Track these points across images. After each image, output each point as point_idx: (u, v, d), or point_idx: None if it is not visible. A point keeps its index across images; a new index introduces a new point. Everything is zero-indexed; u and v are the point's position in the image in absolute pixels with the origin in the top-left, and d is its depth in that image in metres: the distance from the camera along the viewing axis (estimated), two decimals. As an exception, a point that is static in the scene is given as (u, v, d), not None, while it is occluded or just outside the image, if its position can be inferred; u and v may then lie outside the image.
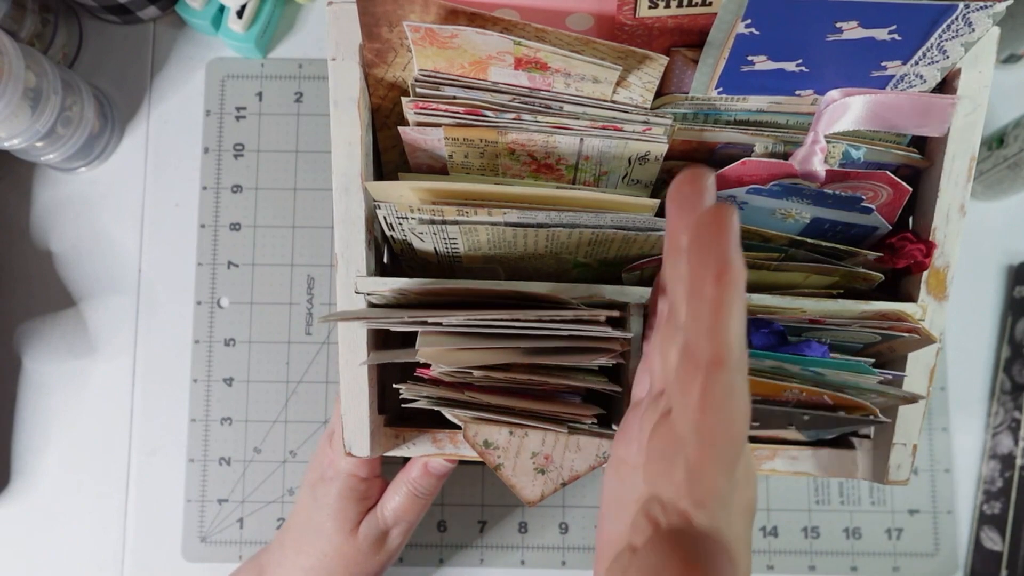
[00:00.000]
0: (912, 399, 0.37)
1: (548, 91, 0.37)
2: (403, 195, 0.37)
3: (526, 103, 0.37)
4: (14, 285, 0.61)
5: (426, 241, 0.39)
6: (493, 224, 0.36)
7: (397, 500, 0.48)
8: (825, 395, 0.36)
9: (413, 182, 0.36)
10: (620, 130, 0.37)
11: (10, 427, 0.59)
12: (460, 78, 0.37)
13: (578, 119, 0.37)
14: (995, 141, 0.56)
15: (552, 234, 0.37)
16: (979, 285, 0.60)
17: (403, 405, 0.38)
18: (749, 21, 0.31)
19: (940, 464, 0.59)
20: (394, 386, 0.38)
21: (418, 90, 0.37)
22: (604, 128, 0.37)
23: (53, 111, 0.53)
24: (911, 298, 0.41)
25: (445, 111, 0.37)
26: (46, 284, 0.61)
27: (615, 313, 0.38)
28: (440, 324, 0.35)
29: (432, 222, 0.36)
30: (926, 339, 0.38)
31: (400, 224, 0.38)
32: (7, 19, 0.55)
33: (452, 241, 0.39)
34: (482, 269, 0.43)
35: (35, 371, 0.60)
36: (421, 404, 0.38)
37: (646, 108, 0.37)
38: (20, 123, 0.52)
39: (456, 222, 0.36)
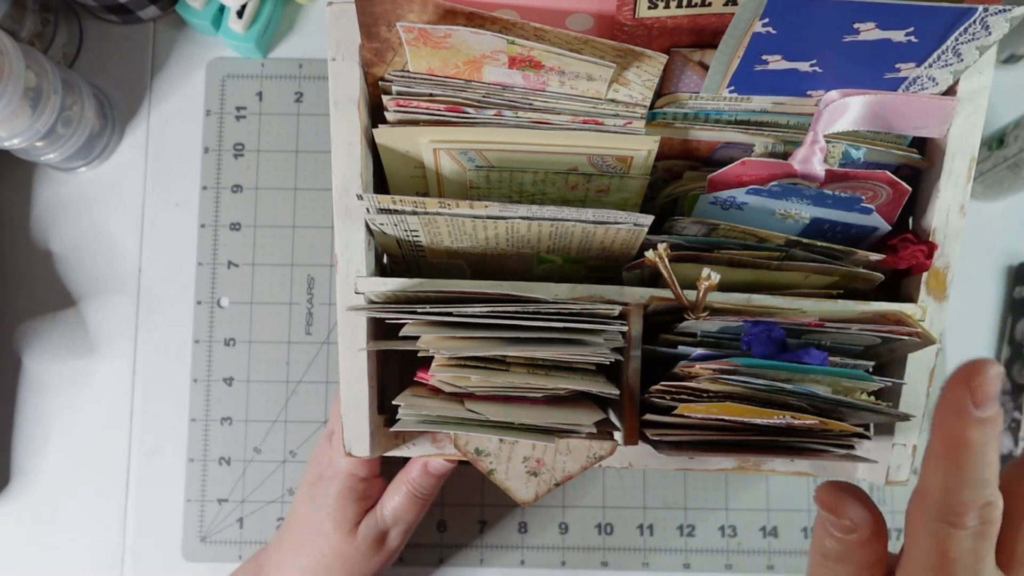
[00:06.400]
0: (904, 418, 0.37)
1: (524, 88, 0.37)
2: (414, 142, 0.37)
3: (505, 99, 0.37)
4: (14, 285, 0.61)
5: (388, 233, 0.39)
6: (464, 216, 0.36)
7: (396, 500, 0.48)
8: (817, 421, 0.36)
9: (425, 127, 0.36)
10: (601, 124, 0.37)
11: (10, 427, 0.59)
12: (431, 76, 0.37)
13: (559, 115, 0.37)
14: (995, 141, 0.56)
15: (512, 226, 0.37)
16: (979, 285, 0.60)
17: (393, 428, 0.38)
18: (767, 20, 0.31)
19: (940, 464, 0.59)
20: (392, 402, 0.38)
21: (397, 88, 0.37)
22: (585, 123, 0.37)
23: (53, 111, 0.53)
24: (911, 298, 0.41)
25: (425, 108, 0.37)
26: (46, 284, 0.61)
27: (619, 311, 0.38)
28: (439, 314, 0.35)
29: (400, 212, 0.37)
30: (926, 341, 0.38)
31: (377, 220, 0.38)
32: (7, 19, 0.55)
33: (413, 232, 0.39)
34: (448, 266, 0.43)
35: (35, 371, 0.60)
36: (415, 426, 0.38)
37: (644, 105, 0.37)
38: (20, 123, 0.52)
39: (439, 213, 0.36)
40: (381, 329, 0.42)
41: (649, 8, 0.34)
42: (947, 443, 0.26)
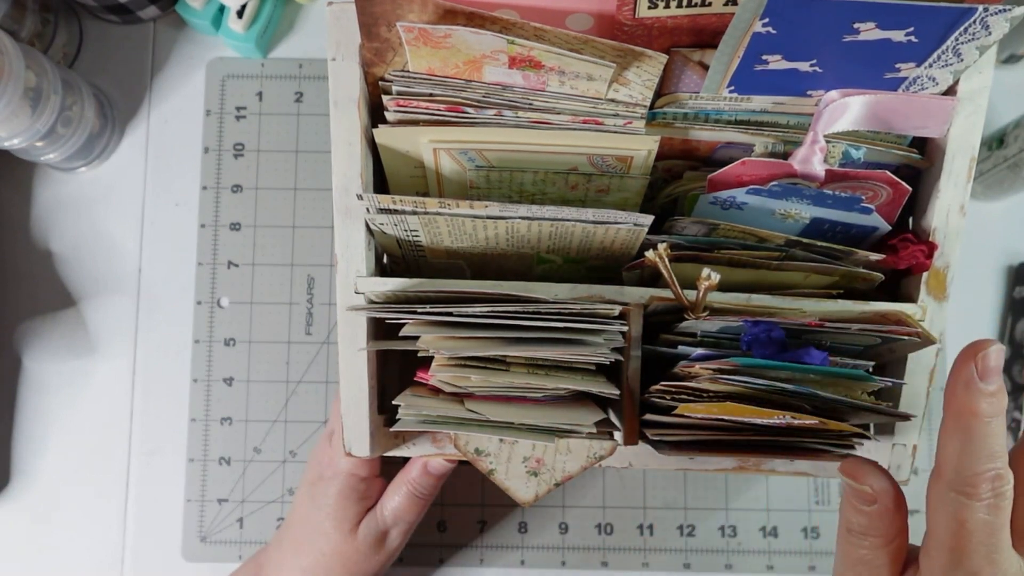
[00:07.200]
0: (904, 418, 0.37)
1: (524, 88, 0.37)
2: (414, 142, 0.37)
3: (505, 99, 0.37)
4: (14, 285, 0.61)
5: (388, 233, 0.39)
6: (464, 216, 0.36)
7: (397, 500, 0.48)
8: (817, 421, 0.36)
9: (425, 127, 0.36)
10: (601, 124, 0.37)
11: (10, 427, 0.59)
12: (431, 76, 0.37)
13: (559, 114, 0.37)
14: (995, 141, 0.56)
15: (512, 226, 0.37)
16: (979, 285, 0.60)
17: (393, 428, 0.38)
18: (767, 20, 0.31)
19: (940, 464, 0.59)
20: (393, 402, 0.38)
21: (397, 88, 0.37)
22: (585, 123, 0.37)
23: (53, 111, 0.53)
24: (911, 298, 0.41)
25: (425, 108, 0.37)
26: (46, 284, 0.61)
27: (619, 311, 0.38)
28: (439, 314, 0.35)
29: (400, 212, 0.37)
30: (926, 341, 0.38)
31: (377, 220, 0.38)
32: (7, 19, 0.55)
33: (413, 232, 0.39)
34: (448, 266, 0.43)
35: (35, 371, 0.60)
36: (415, 426, 0.38)
37: (644, 105, 0.37)
38: (20, 123, 0.52)
39: (439, 213, 0.36)
40: (381, 329, 0.42)
41: (649, 8, 0.34)
42: (957, 415, 0.28)
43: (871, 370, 0.39)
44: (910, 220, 0.42)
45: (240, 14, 0.59)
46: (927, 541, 0.30)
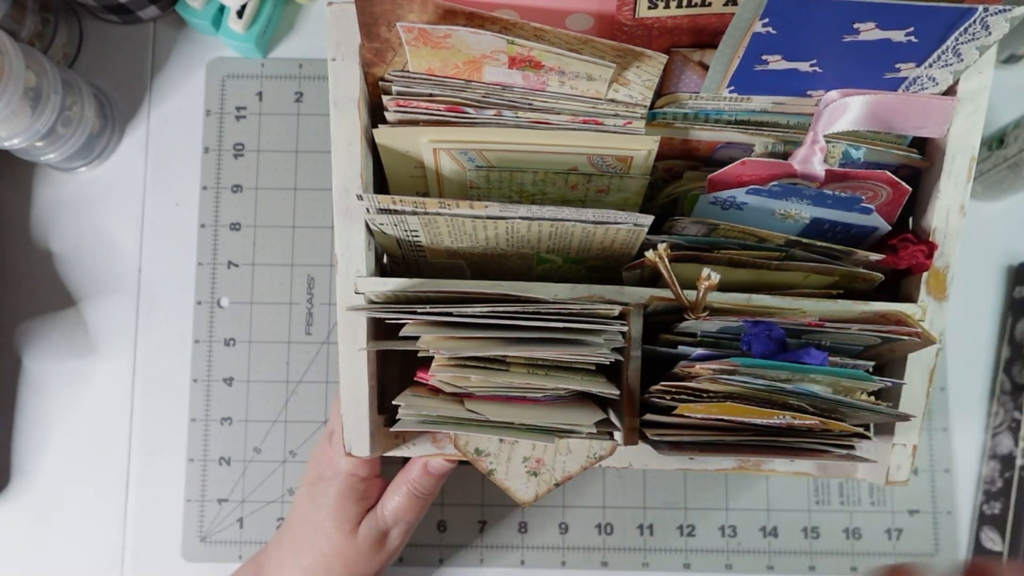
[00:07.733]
0: (904, 418, 0.37)
1: (524, 88, 0.37)
2: (414, 142, 0.37)
3: (505, 99, 0.37)
4: (14, 285, 0.61)
5: (388, 233, 0.39)
6: (464, 216, 0.36)
7: (397, 500, 0.48)
8: (817, 421, 0.36)
9: (425, 127, 0.37)
10: (601, 124, 0.37)
11: (10, 427, 0.59)
12: (431, 76, 0.37)
13: (558, 115, 0.37)
14: (995, 141, 0.56)
15: (512, 226, 0.37)
16: (979, 285, 0.60)
17: (393, 428, 0.38)
18: (767, 20, 0.31)
19: (940, 464, 0.59)
20: (392, 402, 0.38)
21: (397, 88, 0.37)
22: (585, 123, 0.37)
23: (53, 111, 0.53)
24: (911, 298, 0.41)
25: (425, 108, 0.37)
26: (46, 284, 0.61)
27: (619, 311, 0.38)
28: (439, 314, 0.35)
29: (400, 212, 0.37)
30: (926, 341, 0.38)
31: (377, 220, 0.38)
32: (7, 19, 0.55)
33: (413, 232, 0.39)
34: (448, 266, 0.43)
35: (35, 371, 0.60)
36: (415, 426, 0.38)
37: (644, 105, 0.37)
38: (20, 123, 0.52)
39: (439, 213, 0.36)
40: (381, 329, 0.42)
41: (649, 8, 0.34)
42: None
43: (871, 370, 0.39)
44: (910, 220, 0.42)
45: (240, 14, 0.59)
46: None
